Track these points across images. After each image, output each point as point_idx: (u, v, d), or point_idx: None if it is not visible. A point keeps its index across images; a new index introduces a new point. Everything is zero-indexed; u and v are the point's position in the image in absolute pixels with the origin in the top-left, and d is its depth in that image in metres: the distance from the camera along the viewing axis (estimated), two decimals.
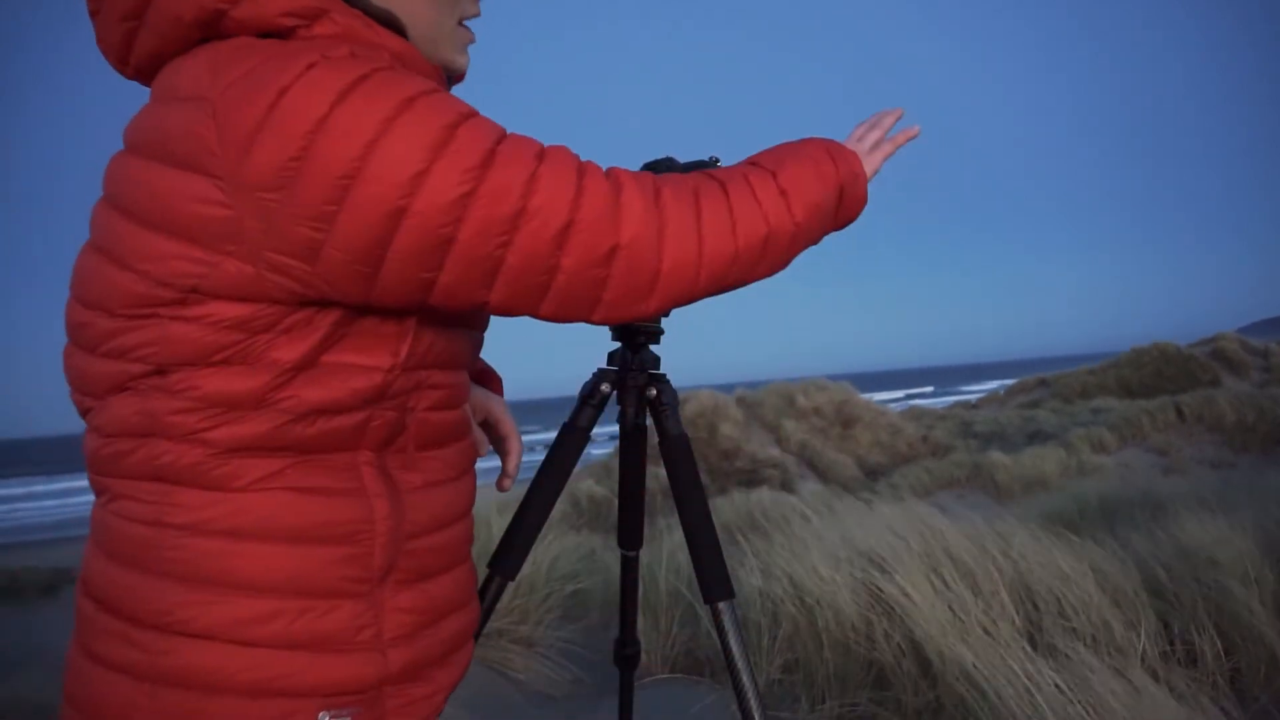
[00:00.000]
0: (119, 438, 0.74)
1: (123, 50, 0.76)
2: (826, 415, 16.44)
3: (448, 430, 0.86)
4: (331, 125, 0.64)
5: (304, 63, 0.66)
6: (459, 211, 0.67)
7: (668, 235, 0.76)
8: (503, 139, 0.71)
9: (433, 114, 0.67)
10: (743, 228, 0.81)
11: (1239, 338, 20.90)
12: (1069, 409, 17.65)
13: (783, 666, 2.64)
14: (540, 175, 0.70)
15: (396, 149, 0.65)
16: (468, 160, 0.67)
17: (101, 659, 0.75)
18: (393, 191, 0.65)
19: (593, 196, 0.72)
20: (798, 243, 0.88)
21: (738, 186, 0.83)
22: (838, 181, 0.92)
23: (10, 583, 6.73)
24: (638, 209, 0.74)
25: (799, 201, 0.86)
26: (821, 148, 0.93)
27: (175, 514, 0.72)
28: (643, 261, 0.74)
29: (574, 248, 0.72)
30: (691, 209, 0.78)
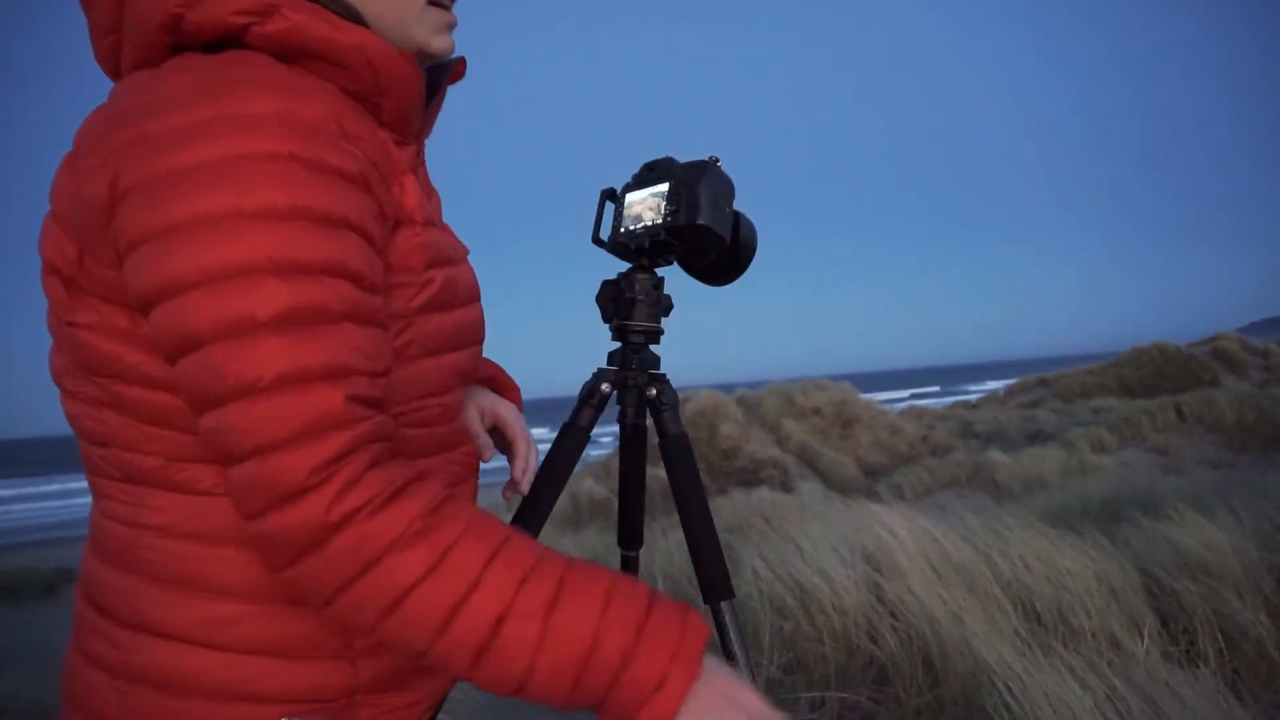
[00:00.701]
0: (92, 445, 0.76)
1: (114, 62, 0.76)
2: (826, 415, 16.45)
3: (433, 443, 0.84)
4: (166, 187, 0.63)
5: (204, 114, 0.64)
6: (186, 346, 0.64)
7: (342, 534, 0.64)
8: (287, 324, 0.62)
9: (246, 242, 0.62)
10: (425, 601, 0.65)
11: (1239, 338, 20.90)
12: (1069, 409, 17.65)
13: (783, 666, 2.64)
14: (258, 399, 0.62)
15: (184, 249, 0.63)
16: (225, 312, 0.62)
17: (87, 655, 0.76)
18: (153, 282, 0.64)
19: (289, 459, 0.62)
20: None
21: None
22: (596, 695, 0.67)
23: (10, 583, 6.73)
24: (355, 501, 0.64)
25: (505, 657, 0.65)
26: (626, 647, 0.66)
27: (149, 515, 0.73)
28: (299, 534, 0.64)
29: (252, 469, 0.64)
30: (386, 541, 0.64)
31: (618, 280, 1.20)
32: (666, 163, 1.16)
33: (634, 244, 1.17)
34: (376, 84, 0.75)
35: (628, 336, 1.21)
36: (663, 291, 1.21)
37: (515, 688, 0.67)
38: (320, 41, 0.72)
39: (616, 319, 1.21)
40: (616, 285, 1.20)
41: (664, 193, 1.13)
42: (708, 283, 1.26)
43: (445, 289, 0.80)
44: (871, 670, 2.50)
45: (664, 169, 1.15)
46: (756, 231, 1.21)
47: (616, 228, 1.21)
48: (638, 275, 1.19)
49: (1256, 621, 2.32)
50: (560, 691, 0.66)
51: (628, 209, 1.20)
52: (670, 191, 1.12)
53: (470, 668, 0.66)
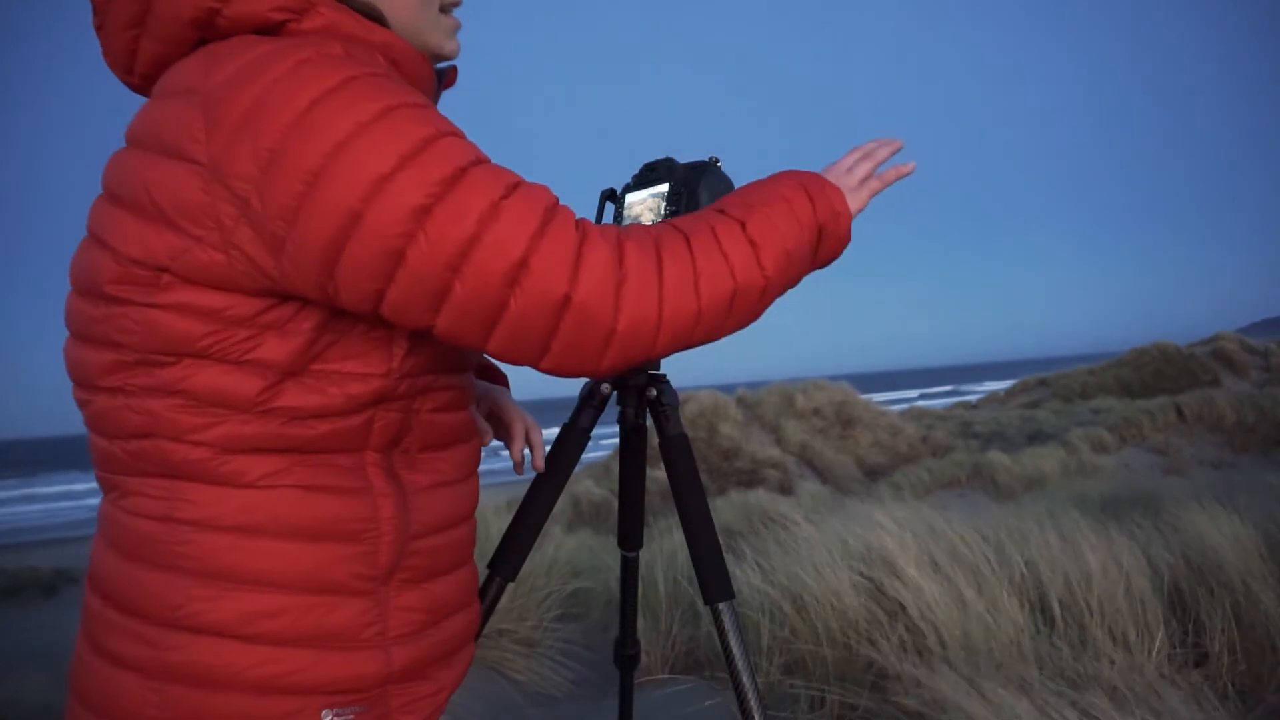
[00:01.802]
0: (125, 439, 0.75)
1: (128, 59, 0.77)
2: (826, 415, 16.44)
3: (454, 432, 0.87)
4: (309, 121, 0.65)
5: (295, 59, 0.67)
6: (412, 225, 0.66)
7: (626, 293, 0.72)
8: (478, 163, 0.70)
9: (410, 124, 0.67)
10: (706, 285, 0.76)
11: (1239, 338, 20.91)
12: (1069, 409, 17.65)
13: (783, 667, 2.64)
14: (504, 207, 0.68)
15: (364, 152, 0.65)
16: (434, 174, 0.66)
17: (110, 655, 0.75)
18: (352, 194, 0.65)
19: (554, 241, 0.69)
20: (769, 295, 0.83)
21: (702, 239, 0.78)
22: (815, 223, 0.87)
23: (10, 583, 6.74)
24: (599, 262, 0.71)
25: (770, 252, 0.81)
26: (798, 185, 0.87)
27: (185, 509, 0.73)
28: (596, 319, 0.71)
29: (524, 290, 0.69)
30: (654, 265, 0.74)
31: None
32: (666, 163, 1.16)
33: None
34: None
35: None
36: None
37: (787, 257, 0.83)
38: (351, 39, 0.74)
39: None
40: None
41: (664, 193, 1.13)
42: None
43: None
44: (872, 670, 2.50)
45: (664, 169, 1.15)
46: None
47: None
48: None
49: (1264, 622, 2.32)
50: (802, 237, 0.85)
51: (628, 209, 1.20)
52: (670, 192, 1.12)
53: (761, 269, 0.80)
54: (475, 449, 0.92)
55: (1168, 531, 2.98)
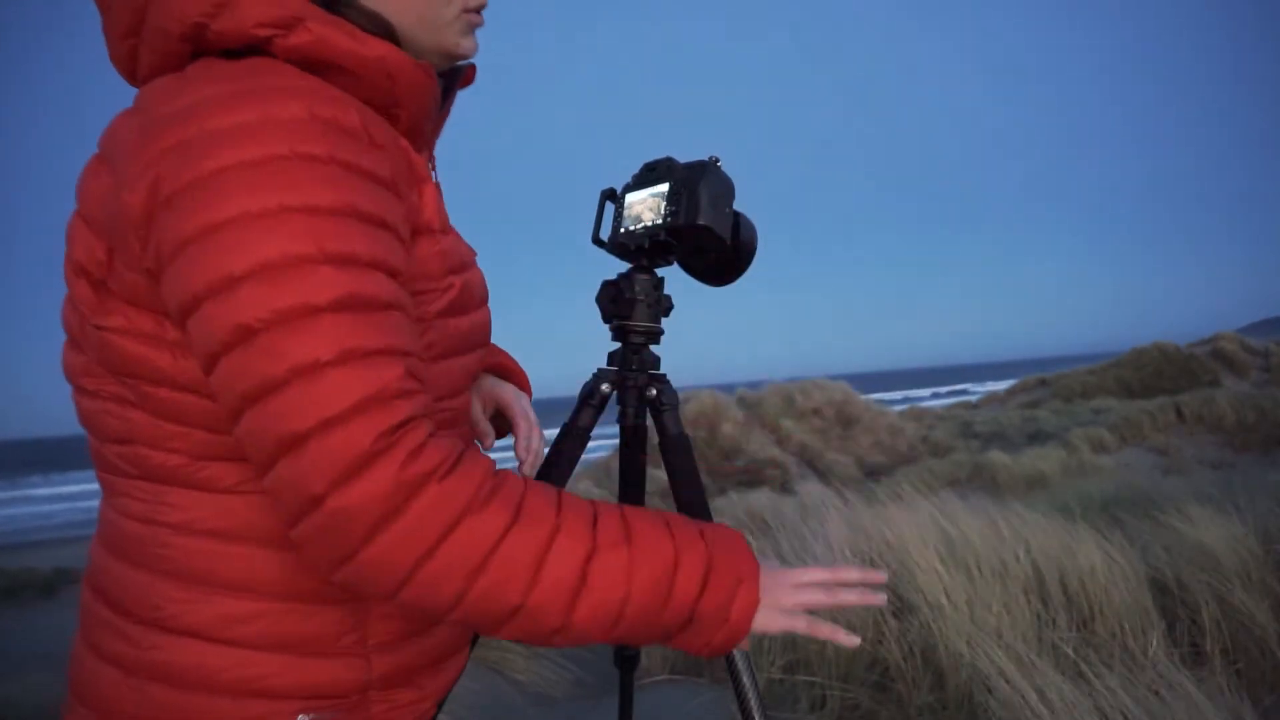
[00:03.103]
0: (110, 442, 0.76)
1: (130, 65, 0.77)
2: (826, 415, 16.45)
3: None
4: (206, 186, 0.63)
5: (236, 118, 0.65)
6: (233, 339, 0.63)
7: (390, 530, 0.63)
8: (339, 309, 0.63)
9: (293, 235, 0.63)
10: (488, 579, 0.65)
11: (1239, 338, 20.91)
12: (1069, 409, 17.65)
13: (783, 667, 2.64)
14: (324, 373, 0.62)
15: (229, 243, 0.62)
16: (279, 300, 0.62)
17: (97, 649, 0.76)
18: (201, 279, 0.63)
19: (343, 435, 0.62)
20: (557, 638, 0.70)
21: (532, 530, 0.67)
22: (686, 612, 0.72)
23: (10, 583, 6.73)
24: (376, 486, 0.62)
25: (591, 602, 0.68)
26: (705, 558, 0.73)
27: (167, 512, 0.74)
28: (338, 536, 0.64)
29: (290, 464, 0.63)
30: (445, 520, 0.64)
31: (618, 280, 1.20)
32: (666, 163, 1.16)
33: (634, 244, 1.17)
34: (394, 94, 0.76)
35: (628, 337, 1.21)
36: (663, 292, 1.21)
37: (612, 623, 0.70)
38: (342, 54, 0.72)
39: (616, 319, 1.21)
40: (616, 285, 1.20)
41: (664, 193, 1.13)
42: (708, 283, 1.26)
43: (463, 293, 0.81)
44: (874, 671, 2.50)
45: (664, 169, 1.15)
46: (756, 232, 1.21)
47: (616, 228, 1.21)
48: (638, 275, 1.19)
49: (1263, 620, 2.32)
50: (653, 616, 0.71)
51: (628, 209, 1.20)
52: (670, 192, 1.12)
53: (567, 612, 0.68)
54: None
55: (1167, 532, 2.98)
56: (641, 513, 0.75)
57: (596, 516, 0.71)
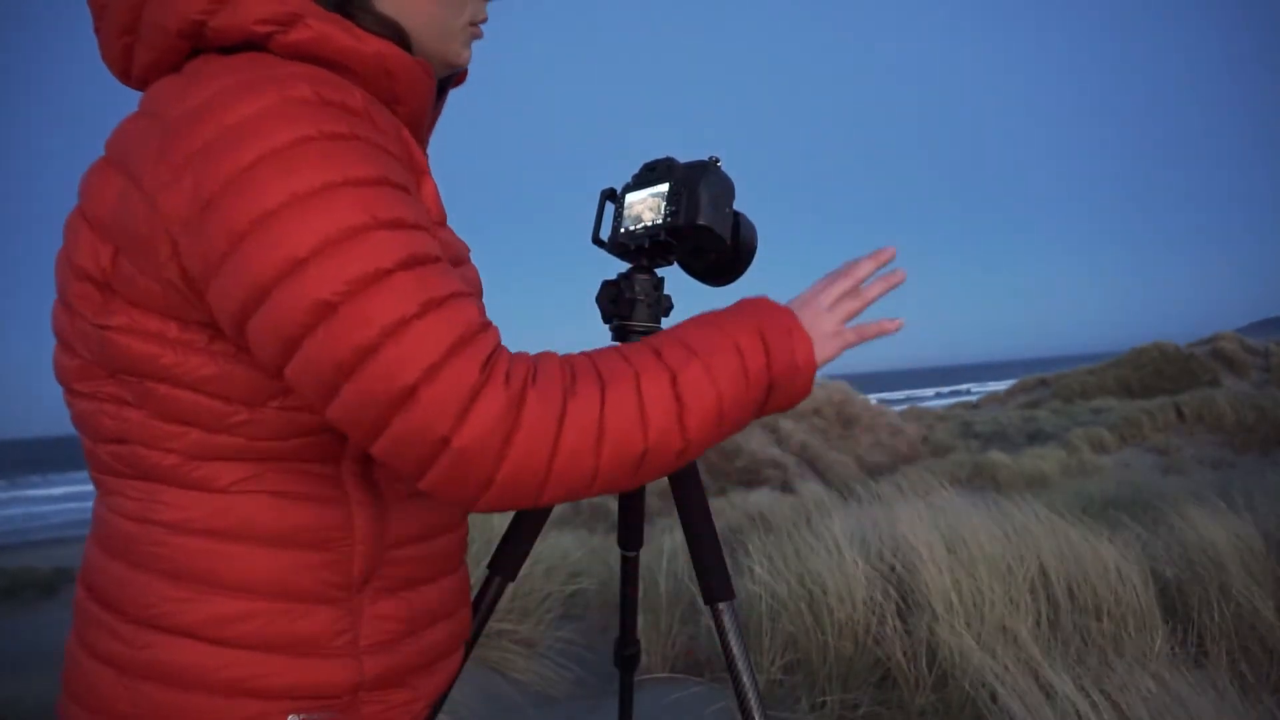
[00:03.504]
0: (105, 442, 0.76)
1: (124, 63, 0.77)
2: (826, 415, 16.45)
3: None
4: (247, 180, 0.63)
5: (255, 105, 0.65)
6: (313, 319, 0.63)
7: (515, 443, 0.66)
8: (406, 267, 0.65)
9: (344, 207, 0.64)
10: (610, 446, 0.70)
11: (1239, 338, 20.93)
12: (1069, 409, 17.66)
13: (784, 667, 2.64)
14: (413, 326, 0.64)
15: (288, 228, 0.63)
16: (350, 270, 0.63)
17: (91, 649, 0.76)
18: (265, 270, 0.63)
19: (450, 378, 0.64)
20: (687, 455, 0.75)
21: (620, 390, 0.71)
22: (766, 379, 0.78)
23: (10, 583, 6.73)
24: (489, 411, 0.65)
25: (698, 415, 0.73)
26: (755, 330, 0.79)
27: (161, 511, 0.74)
28: (473, 466, 0.66)
29: (407, 419, 0.65)
30: (554, 419, 0.68)
31: (618, 281, 1.20)
32: (666, 163, 1.16)
33: (634, 244, 1.17)
34: (393, 92, 0.77)
35: (628, 337, 1.21)
36: (663, 292, 1.21)
37: (717, 422, 0.75)
38: (341, 51, 0.73)
39: (616, 319, 1.21)
40: (616, 286, 1.20)
41: (664, 193, 1.13)
42: (708, 283, 1.26)
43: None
44: (874, 671, 2.50)
45: (664, 169, 1.15)
46: (757, 232, 1.21)
47: (616, 228, 1.21)
48: (638, 276, 1.19)
49: (1266, 620, 2.32)
50: (744, 398, 0.77)
51: (628, 209, 1.20)
52: (670, 192, 1.12)
53: (682, 432, 0.73)
54: None
55: (1168, 532, 2.98)
56: (688, 326, 0.79)
57: (658, 350, 0.75)
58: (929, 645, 2.38)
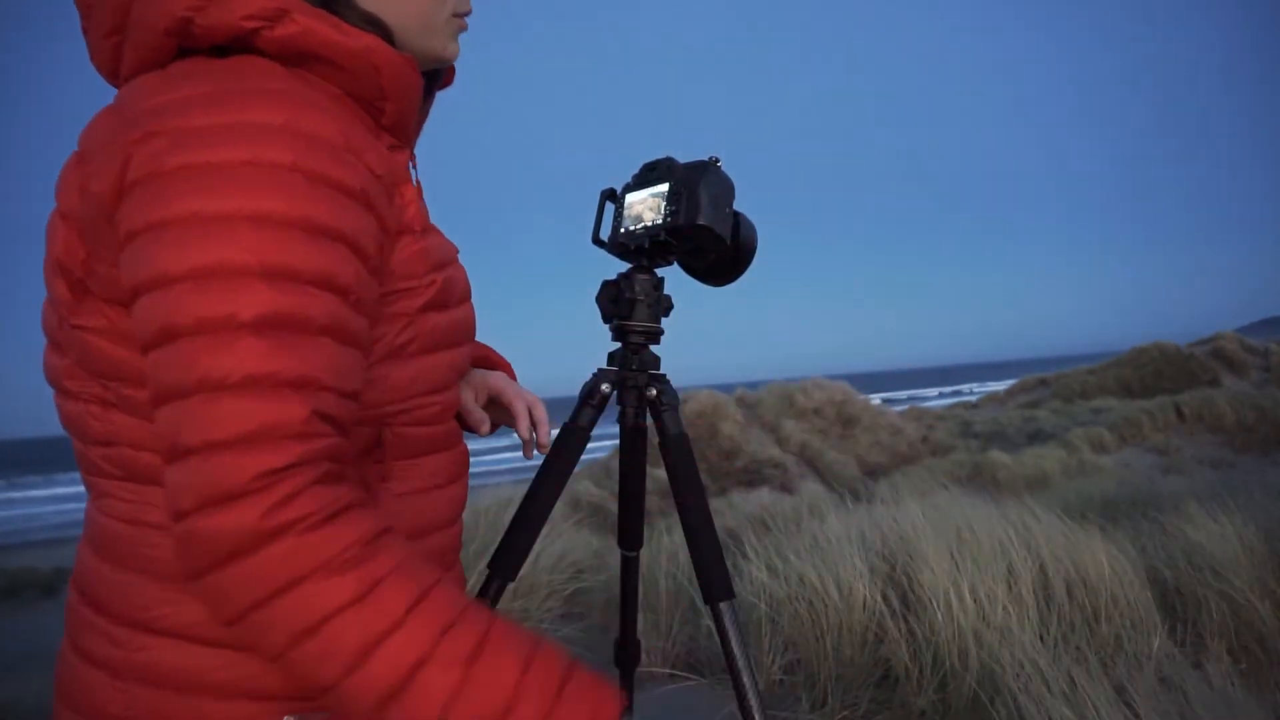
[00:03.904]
0: (94, 444, 0.76)
1: (113, 64, 0.77)
2: (826, 415, 16.44)
3: (430, 442, 0.85)
4: (163, 184, 0.63)
5: (213, 119, 0.65)
6: (161, 337, 0.63)
7: (237, 565, 0.61)
8: (268, 328, 0.62)
9: (234, 243, 0.62)
10: (317, 644, 0.62)
11: (1239, 337, 20.92)
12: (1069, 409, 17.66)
13: (784, 667, 2.64)
14: (224, 396, 0.61)
15: (174, 244, 0.63)
16: (205, 309, 0.61)
17: (83, 651, 0.76)
18: (144, 272, 0.63)
19: (225, 465, 0.61)
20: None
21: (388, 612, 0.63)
22: None
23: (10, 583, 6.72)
24: (240, 524, 0.60)
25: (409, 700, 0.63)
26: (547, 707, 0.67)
27: (151, 513, 0.73)
28: (190, 554, 0.63)
29: (176, 472, 0.63)
30: (292, 575, 0.61)
31: (618, 280, 1.20)
32: (667, 163, 1.16)
33: (634, 244, 1.17)
34: (380, 87, 0.77)
35: (628, 337, 1.21)
36: (663, 292, 1.21)
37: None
38: (328, 46, 0.73)
39: (616, 319, 1.21)
40: (616, 285, 1.20)
41: (664, 193, 1.13)
42: (708, 283, 1.26)
43: (444, 289, 0.81)
44: (875, 672, 2.50)
45: (664, 169, 1.15)
46: (756, 231, 1.21)
47: (617, 228, 1.21)
48: (638, 275, 1.19)
49: (1266, 618, 2.32)
50: None
51: (628, 209, 1.20)
52: (670, 192, 1.12)
53: (377, 709, 0.63)
54: (457, 456, 0.90)
55: (1167, 531, 2.98)
56: (510, 637, 0.68)
57: (452, 625, 0.66)
58: (930, 645, 2.37)
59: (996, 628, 2.32)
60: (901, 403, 21.59)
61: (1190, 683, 1.85)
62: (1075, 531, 2.82)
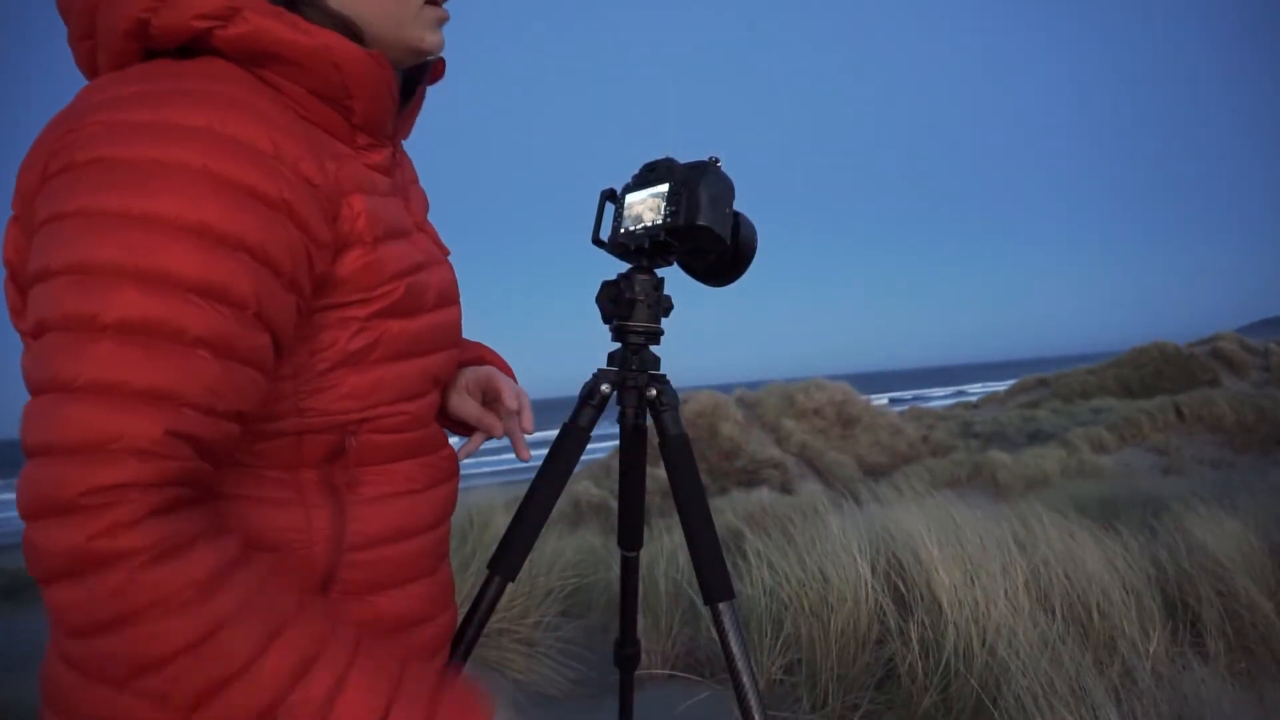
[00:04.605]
0: None
1: (91, 68, 0.76)
2: (827, 415, 16.45)
3: (405, 448, 0.84)
4: (72, 177, 0.62)
5: (143, 117, 0.64)
6: (35, 330, 0.62)
7: (74, 578, 0.59)
8: (130, 333, 0.60)
9: (114, 242, 0.60)
10: (140, 628, 0.59)
11: (1238, 337, 20.93)
12: (1069, 409, 17.66)
13: (784, 667, 2.64)
14: (69, 400, 0.59)
15: (60, 237, 0.61)
16: (70, 305, 0.60)
17: (60, 653, 0.74)
18: (33, 263, 0.63)
19: (60, 470, 0.58)
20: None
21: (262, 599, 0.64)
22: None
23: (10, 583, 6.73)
24: (64, 536, 0.58)
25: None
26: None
27: None
28: (31, 557, 0.61)
29: (27, 470, 0.60)
30: (120, 581, 0.59)
31: (618, 281, 1.20)
32: (666, 163, 1.16)
33: (634, 244, 1.17)
34: (344, 85, 0.75)
35: (628, 337, 1.21)
36: (663, 292, 1.21)
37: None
38: (283, 44, 0.71)
39: (616, 319, 1.21)
40: (616, 286, 1.20)
41: (664, 193, 1.13)
42: (708, 283, 1.26)
43: (409, 296, 0.79)
44: (875, 672, 2.50)
45: (664, 170, 1.15)
46: (756, 232, 1.21)
47: (617, 228, 1.21)
48: (638, 276, 1.19)
49: (1266, 617, 2.32)
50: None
51: (628, 209, 1.20)
52: (670, 192, 1.12)
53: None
54: (438, 461, 0.88)
55: (1167, 531, 2.98)
56: (373, 671, 0.68)
57: (310, 664, 0.64)
58: (931, 644, 2.38)
59: (998, 627, 2.32)
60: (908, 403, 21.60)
61: (1190, 682, 1.86)
62: (1074, 530, 2.82)
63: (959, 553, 2.63)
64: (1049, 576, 2.57)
